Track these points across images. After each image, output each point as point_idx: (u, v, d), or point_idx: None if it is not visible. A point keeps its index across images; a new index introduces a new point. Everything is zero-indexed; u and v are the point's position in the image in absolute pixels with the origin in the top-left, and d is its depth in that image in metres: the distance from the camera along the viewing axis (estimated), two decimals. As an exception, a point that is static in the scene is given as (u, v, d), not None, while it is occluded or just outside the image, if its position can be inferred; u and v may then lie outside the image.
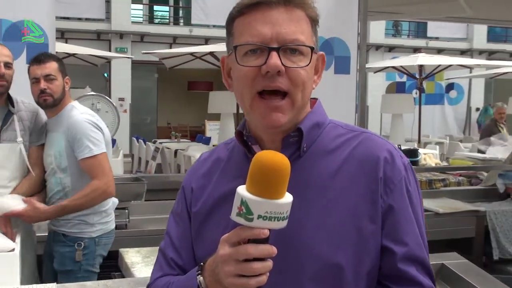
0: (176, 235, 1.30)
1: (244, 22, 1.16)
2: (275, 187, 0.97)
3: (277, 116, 1.12)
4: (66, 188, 2.84)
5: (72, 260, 2.80)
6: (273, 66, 1.09)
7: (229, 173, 1.24)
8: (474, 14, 5.41)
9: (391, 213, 1.13)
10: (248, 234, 0.98)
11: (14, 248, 2.56)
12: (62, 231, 2.85)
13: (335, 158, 1.17)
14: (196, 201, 1.27)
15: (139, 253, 2.90)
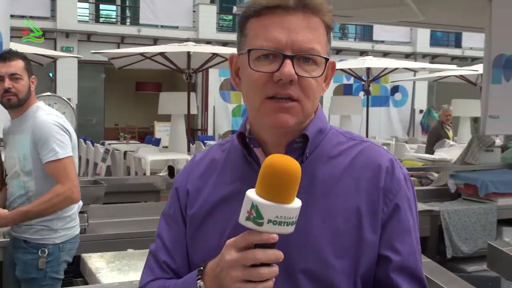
0: (168, 237, 1.26)
1: (259, 24, 1.13)
2: (287, 192, 0.97)
3: (284, 117, 1.10)
4: (29, 192, 2.74)
5: (36, 267, 2.69)
6: (287, 75, 1.08)
7: (227, 176, 1.22)
8: (425, 19, 5.55)
9: (390, 222, 1.14)
10: (257, 239, 0.97)
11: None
12: (24, 237, 2.74)
13: (336, 165, 1.17)
14: (192, 204, 1.24)
15: (102, 258, 2.84)
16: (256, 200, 0.97)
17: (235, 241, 1.00)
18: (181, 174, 1.32)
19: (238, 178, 1.19)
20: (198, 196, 1.23)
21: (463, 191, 4.84)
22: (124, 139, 12.44)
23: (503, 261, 2.98)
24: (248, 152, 1.20)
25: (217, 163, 1.26)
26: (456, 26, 6.84)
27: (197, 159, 1.31)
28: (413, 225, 1.17)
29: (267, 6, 1.11)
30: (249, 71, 1.13)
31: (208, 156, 1.29)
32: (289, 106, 1.10)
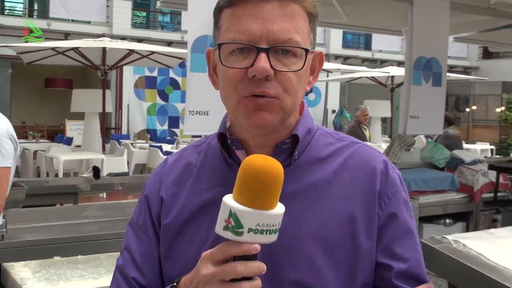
0: (137, 250, 1.13)
1: (232, 15, 1.01)
2: (269, 196, 0.87)
3: (262, 115, 1.00)
4: None
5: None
6: (260, 70, 0.97)
7: (205, 181, 1.10)
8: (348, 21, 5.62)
9: (387, 227, 1.06)
10: (236, 251, 0.87)
11: None
12: None
13: (327, 167, 1.08)
14: (167, 213, 1.11)
15: (27, 267, 2.61)
16: (235, 207, 0.86)
17: (212, 253, 0.89)
18: (151, 180, 1.19)
19: (219, 183, 1.08)
20: (173, 203, 1.11)
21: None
22: (34, 138, 11.83)
23: (436, 259, 3.03)
24: (229, 154, 1.09)
25: (193, 167, 1.14)
26: (377, 29, 6.97)
27: (170, 162, 1.18)
28: (412, 227, 1.09)
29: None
30: (223, 68, 1.03)
31: (182, 159, 1.17)
32: (266, 102, 0.99)
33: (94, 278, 2.48)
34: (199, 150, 1.17)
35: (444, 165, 5.30)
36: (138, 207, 1.18)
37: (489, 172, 5.07)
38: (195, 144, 1.20)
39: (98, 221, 3.45)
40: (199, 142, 1.19)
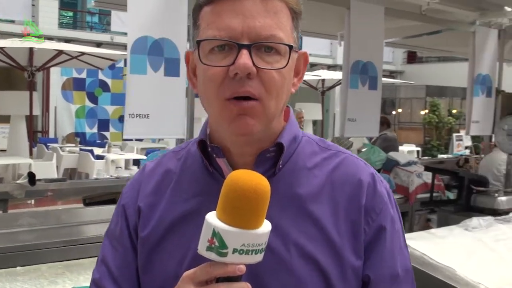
0: (114, 263, 1.06)
1: (212, 12, 0.96)
2: (255, 215, 0.83)
3: (246, 120, 0.95)
4: None
5: None
6: (242, 67, 0.92)
7: (185, 190, 1.04)
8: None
9: (375, 245, 1.02)
10: (220, 272, 0.83)
11: None
12: None
13: (313, 179, 1.03)
14: (144, 224, 1.04)
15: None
16: (219, 226, 0.82)
17: (195, 274, 0.85)
18: (128, 188, 1.11)
19: (199, 193, 1.02)
20: (151, 214, 1.04)
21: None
22: (-46, 142, 11.21)
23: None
24: (209, 161, 1.03)
25: (172, 174, 1.07)
26: (314, 33, 7.05)
27: (148, 170, 1.11)
28: (400, 241, 1.06)
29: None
30: (202, 67, 0.97)
31: (161, 166, 1.10)
32: (249, 106, 0.94)
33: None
34: (178, 156, 1.10)
35: (380, 166, 5.42)
36: (115, 216, 1.11)
37: (423, 173, 5.22)
38: (175, 150, 1.14)
39: (34, 230, 3.27)
40: (179, 148, 1.13)
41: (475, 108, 6.12)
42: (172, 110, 3.97)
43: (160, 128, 3.96)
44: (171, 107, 3.98)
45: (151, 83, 3.86)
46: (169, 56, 3.98)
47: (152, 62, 3.89)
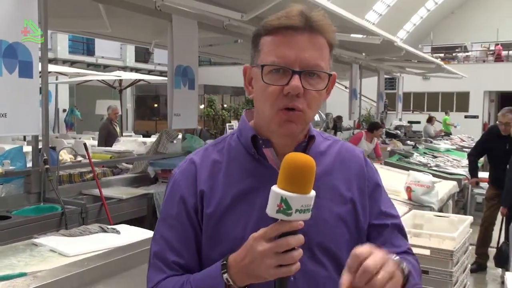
0: (173, 238, 1.15)
1: (272, 42, 1.11)
2: (308, 184, 0.98)
3: (292, 126, 1.12)
4: None
5: None
6: (294, 88, 1.08)
7: (237, 174, 1.17)
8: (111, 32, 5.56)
9: (375, 197, 1.24)
10: (287, 228, 0.96)
11: None
12: None
13: (327, 159, 1.22)
14: (209, 203, 1.14)
15: None
16: (285, 194, 0.95)
17: (265, 232, 0.97)
18: (181, 179, 1.19)
19: (249, 175, 1.16)
20: (212, 195, 1.15)
21: (161, 175, 5.08)
22: None
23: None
24: (257, 151, 1.18)
25: (219, 164, 1.19)
26: (131, 40, 6.96)
27: (198, 162, 1.20)
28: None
29: (279, 26, 1.10)
30: (262, 84, 1.12)
31: (208, 158, 1.21)
32: (295, 115, 1.11)
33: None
34: (219, 148, 1.22)
35: (200, 152, 5.68)
36: (169, 202, 1.19)
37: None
38: (214, 144, 1.25)
39: None
40: (215, 142, 1.25)
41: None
42: (27, 109, 3.73)
43: (17, 126, 3.69)
44: (27, 106, 3.73)
45: (7, 84, 3.57)
46: (23, 59, 3.72)
47: (7, 64, 3.60)
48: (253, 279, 1.01)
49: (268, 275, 0.98)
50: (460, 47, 29.08)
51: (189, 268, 1.14)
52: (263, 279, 0.99)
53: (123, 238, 2.74)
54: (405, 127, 12.03)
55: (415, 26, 31.57)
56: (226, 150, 1.22)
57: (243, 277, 1.01)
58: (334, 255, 1.16)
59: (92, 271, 2.19)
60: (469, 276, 3.50)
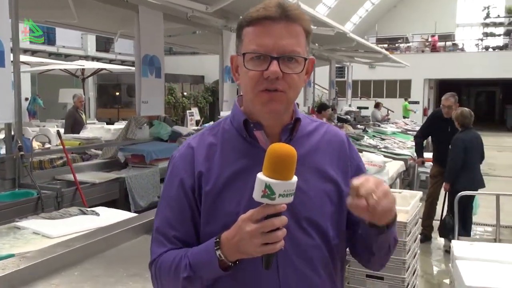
0: (174, 216, 1.20)
1: (252, 32, 1.15)
2: (290, 171, 1.02)
3: (274, 104, 1.15)
4: None
5: None
6: (273, 72, 1.12)
7: (231, 155, 1.21)
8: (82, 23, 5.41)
9: (357, 173, 1.26)
10: (271, 210, 1.02)
11: None
12: None
13: (313, 139, 1.26)
14: (206, 181, 1.18)
15: None
16: (268, 181, 1.00)
17: (252, 214, 1.03)
18: (180, 162, 1.23)
19: (242, 156, 1.20)
20: (209, 174, 1.19)
21: (131, 160, 5.03)
22: None
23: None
24: (248, 134, 1.21)
25: (215, 146, 1.23)
26: (108, 32, 6.79)
27: (195, 145, 1.23)
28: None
29: (258, 17, 1.15)
30: (245, 70, 1.16)
31: (204, 141, 1.24)
32: (277, 95, 1.14)
33: None
34: (214, 132, 1.25)
35: (167, 138, 5.65)
36: (169, 184, 1.23)
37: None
38: (209, 128, 1.28)
39: None
40: (211, 127, 1.29)
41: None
42: (0, 98, 3.62)
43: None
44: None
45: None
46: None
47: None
48: (242, 255, 1.06)
49: (255, 252, 1.04)
50: (402, 38, 29.81)
51: (188, 242, 1.19)
52: (251, 255, 1.05)
53: (103, 220, 2.74)
54: (354, 113, 12.28)
55: (361, 19, 32.09)
56: (221, 134, 1.25)
57: (233, 253, 1.07)
58: (320, 227, 1.21)
59: (78, 251, 2.19)
60: (419, 245, 3.68)
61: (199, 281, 1.14)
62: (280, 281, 1.16)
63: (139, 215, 2.78)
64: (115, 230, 2.46)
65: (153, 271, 1.22)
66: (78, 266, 2.13)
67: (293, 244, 1.16)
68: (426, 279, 4.75)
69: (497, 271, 2.90)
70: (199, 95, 22.70)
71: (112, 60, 20.87)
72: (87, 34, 19.23)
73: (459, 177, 5.20)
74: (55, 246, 2.20)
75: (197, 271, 1.12)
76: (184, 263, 1.14)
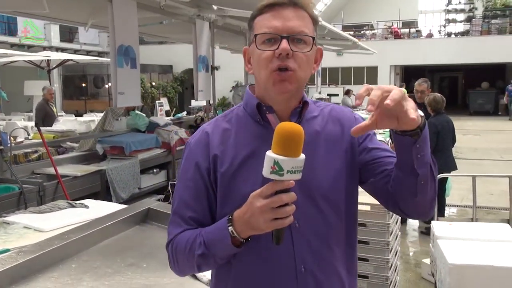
0: (190, 197, 1.24)
1: (263, 18, 1.21)
2: (297, 148, 1.06)
3: (285, 84, 1.19)
4: None
5: None
6: (284, 49, 1.17)
7: (245, 138, 1.25)
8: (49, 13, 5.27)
9: (367, 141, 1.30)
10: (279, 186, 1.05)
11: None
12: None
13: (320, 121, 1.31)
14: (222, 163, 1.22)
15: None
16: (277, 157, 1.04)
17: (262, 191, 1.07)
18: (195, 147, 1.27)
19: (255, 138, 1.24)
20: (224, 157, 1.23)
21: (109, 152, 4.98)
22: None
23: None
24: (261, 117, 1.26)
25: (229, 131, 1.27)
26: (80, 23, 6.62)
27: (210, 131, 1.28)
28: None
29: (267, 4, 1.21)
30: (257, 52, 1.21)
31: (218, 127, 1.28)
32: (287, 75, 1.19)
33: None
34: (228, 119, 1.30)
35: (145, 128, 5.61)
36: (185, 167, 1.26)
37: (179, 131, 5.62)
38: (223, 116, 1.32)
39: None
40: (224, 114, 1.32)
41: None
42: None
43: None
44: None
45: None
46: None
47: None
48: (253, 231, 1.10)
49: (265, 227, 1.08)
50: (367, 25, 30.19)
51: (203, 222, 1.23)
52: (262, 230, 1.09)
53: (93, 212, 2.72)
54: (325, 100, 12.43)
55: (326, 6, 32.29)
56: (235, 119, 1.30)
57: (245, 229, 1.11)
58: (333, 202, 1.26)
59: (74, 243, 2.18)
60: (399, 227, 3.80)
61: (212, 258, 1.18)
62: (295, 256, 1.21)
63: (130, 206, 2.78)
64: (108, 222, 2.45)
65: (170, 251, 1.25)
66: (75, 258, 2.13)
67: (307, 221, 1.21)
68: (405, 260, 4.91)
69: (477, 249, 3.05)
70: (168, 85, 22.45)
71: (77, 50, 20.35)
72: (50, 24, 18.69)
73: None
74: (52, 239, 2.19)
75: (211, 248, 1.16)
76: (198, 241, 1.18)
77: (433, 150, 5.36)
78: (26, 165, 4.53)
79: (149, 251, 2.22)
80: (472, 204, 4.01)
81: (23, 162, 5.03)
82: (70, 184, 3.98)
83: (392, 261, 3.40)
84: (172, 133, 5.46)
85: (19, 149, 4.66)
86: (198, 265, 1.21)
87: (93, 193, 4.24)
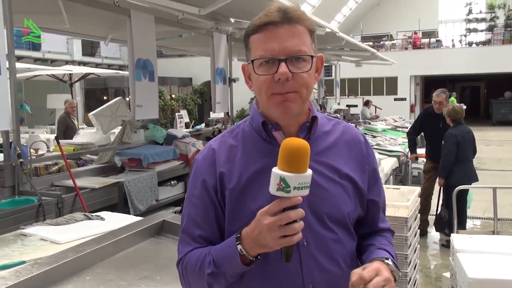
0: (198, 215, 1.23)
1: (257, 39, 1.18)
2: (303, 164, 1.05)
3: (287, 104, 1.17)
4: None
5: None
6: (283, 74, 1.14)
7: (252, 155, 1.23)
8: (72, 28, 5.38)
9: (373, 176, 1.32)
10: (287, 203, 1.04)
11: None
12: None
13: (330, 138, 1.29)
14: (229, 180, 1.21)
15: None
16: (283, 174, 1.03)
17: (269, 208, 1.05)
18: (202, 163, 1.26)
19: (262, 156, 1.22)
20: (232, 174, 1.22)
21: (127, 164, 5.02)
22: None
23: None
24: (267, 135, 1.24)
25: (236, 147, 1.26)
26: (100, 37, 6.74)
27: (216, 148, 1.27)
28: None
29: (261, 24, 1.18)
30: (255, 76, 1.19)
31: (224, 144, 1.28)
32: (289, 96, 1.17)
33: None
34: (234, 135, 1.29)
35: (163, 141, 5.65)
36: (193, 184, 1.26)
37: (196, 143, 5.64)
38: (229, 131, 1.32)
39: None
40: (231, 130, 1.32)
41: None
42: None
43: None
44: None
45: None
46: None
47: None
48: (262, 248, 1.09)
49: (274, 245, 1.06)
50: (386, 36, 30.05)
51: (212, 240, 1.22)
52: (271, 248, 1.08)
53: (109, 224, 2.74)
54: (344, 111, 12.37)
55: (345, 17, 32.27)
56: (241, 136, 1.29)
57: (253, 247, 1.10)
58: (341, 221, 1.25)
59: (89, 255, 2.19)
60: (418, 240, 3.74)
61: (223, 277, 1.16)
62: (303, 275, 1.19)
63: (145, 219, 2.79)
64: (123, 234, 2.46)
65: (180, 270, 1.25)
66: (90, 270, 2.14)
67: (315, 239, 1.20)
68: (425, 273, 4.81)
69: (498, 263, 2.96)
70: (188, 97, 22.64)
71: (99, 64, 20.72)
72: (73, 39, 19.08)
73: (453, 172, 5.28)
74: (66, 251, 2.20)
75: (221, 267, 1.15)
76: (208, 259, 1.17)
77: (454, 162, 5.28)
78: (46, 177, 4.59)
79: (164, 263, 2.21)
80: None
81: (43, 174, 5.10)
82: (88, 196, 4.02)
83: (411, 274, 3.33)
84: (190, 145, 5.49)
85: (39, 161, 4.73)
86: (208, 284, 1.19)
87: (111, 205, 4.27)
